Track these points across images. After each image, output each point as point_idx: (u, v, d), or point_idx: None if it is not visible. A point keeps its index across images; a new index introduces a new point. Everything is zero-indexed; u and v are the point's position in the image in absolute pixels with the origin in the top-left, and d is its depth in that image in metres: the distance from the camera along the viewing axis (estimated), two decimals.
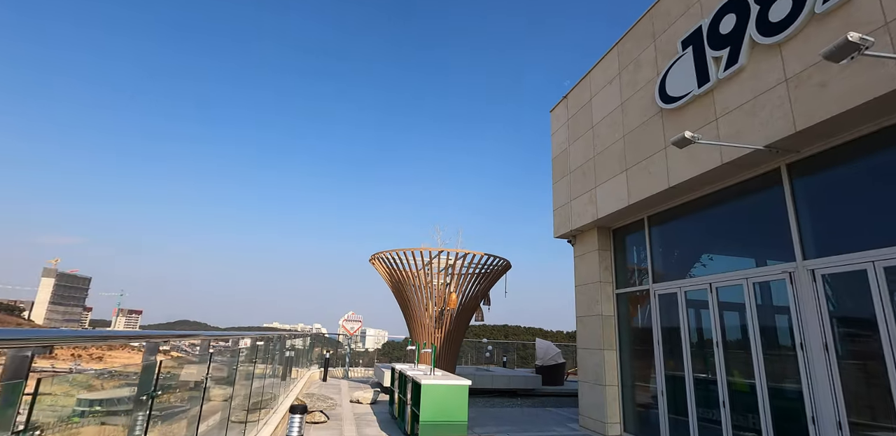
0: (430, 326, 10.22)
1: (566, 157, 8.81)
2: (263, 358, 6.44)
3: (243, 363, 5.21)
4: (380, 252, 10.61)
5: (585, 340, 7.85)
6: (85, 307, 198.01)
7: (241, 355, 5.11)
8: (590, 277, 7.94)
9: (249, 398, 5.18)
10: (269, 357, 6.87)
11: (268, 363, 6.89)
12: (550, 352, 13.56)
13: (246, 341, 6.25)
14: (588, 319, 7.85)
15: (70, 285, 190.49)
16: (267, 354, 6.42)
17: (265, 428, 5.66)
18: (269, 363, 7.09)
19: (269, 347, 6.65)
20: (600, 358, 7.37)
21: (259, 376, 6.06)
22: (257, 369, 6.05)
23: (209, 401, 3.90)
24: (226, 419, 4.35)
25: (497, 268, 10.81)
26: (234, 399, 4.61)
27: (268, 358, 6.87)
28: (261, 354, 6.30)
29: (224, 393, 4.35)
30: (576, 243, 8.55)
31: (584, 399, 7.67)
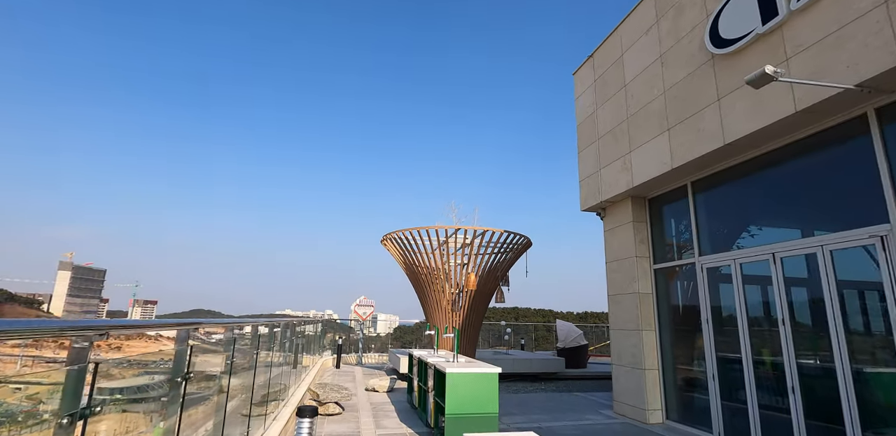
0: (448, 309, 9.62)
1: (593, 122, 8.00)
2: (272, 346, 5.92)
3: (248, 352, 4.71)
4: (392, 232, 9.96)
5: (620, 320, 7.19)
6: (101, 299, 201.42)
7: (239, 344, 4.65)
8: (623, 252, 7.23)
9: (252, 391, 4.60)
10: (277, 345, 6.31)
11: (276, 351, 6.34)
12: (572, 334, 12.97)
13: (263, 328, 5.71)
14: (622, 297, 7.17)
15: (86, 278, 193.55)
16: (273, 341, 5.85)
17: (274, 424, 5.10)
18: (279, 351, 6.57)
19: (277, 333, 6.07)
20: (637, 339, 6.72)
21: (268, 365, 5.54)
22: (266, 358, 5.56)
23: (219, 393, 3.67)
24: (230, 414, 3.93)
25: (517, 246, 10.13)
26: (237, 392, 4.17)
27: (276, 346, 6.32)
28: (269, 341, 5.75)
29: (225, 385, 3.95)
30: (606, 216, 7.82)
31: (619, 384, 7.05)
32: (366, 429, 5.79)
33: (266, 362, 5.61)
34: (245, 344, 4.43)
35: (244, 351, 4.20)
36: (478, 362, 5.71)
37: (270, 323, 6.35)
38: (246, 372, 4.61)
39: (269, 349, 5.77)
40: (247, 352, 4.39)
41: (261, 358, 5.27)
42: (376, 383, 8.67)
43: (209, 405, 3.70)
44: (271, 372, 5.83)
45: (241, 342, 4.32)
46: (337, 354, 12.60)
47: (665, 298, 6.79)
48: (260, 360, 5.16)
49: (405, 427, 5.92)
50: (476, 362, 5.86)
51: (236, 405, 4.31)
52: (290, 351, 7.62)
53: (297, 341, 8.39)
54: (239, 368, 4.07)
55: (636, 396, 6.62)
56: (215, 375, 3.77)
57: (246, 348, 4.35)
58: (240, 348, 4.19)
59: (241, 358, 4.09)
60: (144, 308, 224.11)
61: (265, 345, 5.60)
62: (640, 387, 6.57)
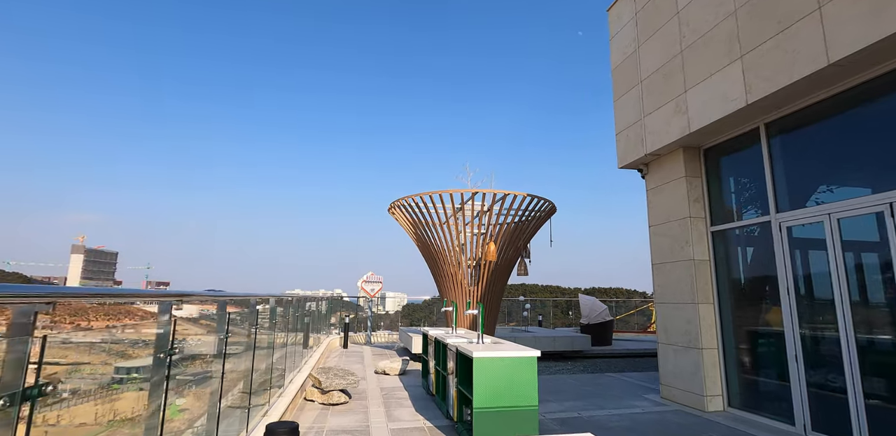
0: (464, 283, 8.67)
1: (634, 63, 6.79)
2: (270, 325, 5.03)
3: (241, 332, 3.89)
4: (400, 199, 8.92)
5: (668, 292, 6.18)
6: (115, 281, 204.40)
7: (230, 322, 3.81)
8: (673, 212, 6.15)
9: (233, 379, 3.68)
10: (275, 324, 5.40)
11: (274, 331, 5.44)
12: (597, 309, 12.05)
13: (264, 306, 4.82)
14: (671, 266, 6.13)
15: (98, 261, 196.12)
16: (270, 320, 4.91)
17: (263, 422, 4.20)
18: (277, 331, 5.69)
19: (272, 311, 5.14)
20: (692, 314, 5.72)
21: (265, 346, 4.66)
22: (262, 339, 4.68)
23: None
24: (210, 409, 3.22)
25: (540, 212, 9.07)
26: (225, 379, 3.40)
27: (272, 325, 5.41)
28: (268, 319, 4.85)
29: (218, 370, 3.31)
30: (649, 173, 6.71)
31: (667, 365, 6.09)
32: (376, 422, 4.89)
33: (262, 343, 4.71)
34: (237, 322, 3.86)
35: (234, 332, 3.65)
36: (507, 343, 4.75)
37: (267, 298, 5.47)
38: (235, 356, 3.79)
39: (266, 329, 4.88)
40: (237, 332, 3.76)
41: (254, 339, 4.43)
42: (387, 366, 7.81)
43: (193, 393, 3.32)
44: (273, 354, 4.93)
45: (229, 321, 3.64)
46: (344, 333, 11.79)
47: (725, 265, 5.74)
48: (253, 341, 4.30)
49: (422, 420, 5.02)
50: (504, 342, 4.90)
51: (218, 398, 3.50)
52: (290, 331, 6.73)
53: (299, 319, 7.50)
54: (229, 350, 3.47)
55: (690, 379, 5.66)
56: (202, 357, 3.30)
57: (236, 329, 3.76)
58: (230, 328, 3.61)
59: (233, 339, 3.52)
60: (157, 289, 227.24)
61: (260, 324, 4.72)
62: (695, 369, 5.60)
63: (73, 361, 22.56)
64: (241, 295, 4.52)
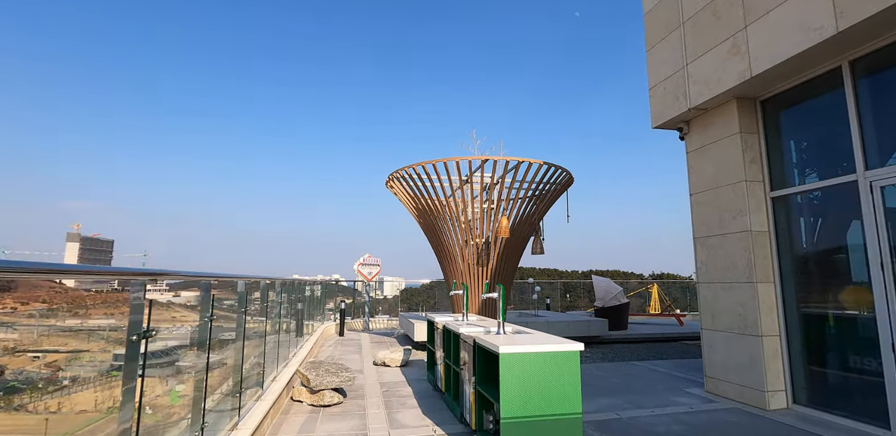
0: (472, 263, 7.77)
1: (674, 1, 5.75)
2: (251, 310, 4.16)
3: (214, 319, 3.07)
4: (399, 169, 7.93)
5: (715, 270, 5.28)
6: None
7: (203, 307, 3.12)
8: (723, 176, 5.21)
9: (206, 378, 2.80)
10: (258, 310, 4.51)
11: (258, 319, 4.57)
12: (612, 290, 11.22)
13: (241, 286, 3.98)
14: (719, 239, 5.22)
15: (94, 249, 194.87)
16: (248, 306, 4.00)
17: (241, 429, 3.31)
18: (263, 319, 4.84)
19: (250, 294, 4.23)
20: (748, 295, 4.83)
21: (243, 337, 3.82)
22: (241, 328, 3.88)
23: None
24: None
25: (556, 185, 8.12)
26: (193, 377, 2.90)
27: (254, 310, 4.53)
28: (245, 305, 3.96)
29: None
30: (691, 132, 5.73)
31: (714, 355, 5.23)
32: (375, 429, 4.02)
33: (241, 333, 3.85)
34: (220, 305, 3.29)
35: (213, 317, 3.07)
36: (535, 333, 3.85)
37: (257, 281, 4.63)
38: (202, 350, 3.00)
39: (249, 315, 3.99)
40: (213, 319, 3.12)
41: (230, 329, 3.65)
42: (387, 357, 6.95)
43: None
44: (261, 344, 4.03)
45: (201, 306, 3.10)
46: (340, 319, 10.94)
47: (788, 236, 4.83)
48: (227, 331, 3.49)
49: (431, 425, 4.15)
50: (530, 331, 4.00)
51: (183, 403, 2.79)
52: (279, 318, 5.85)
53: (290, 305, 6.60)
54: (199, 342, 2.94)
55: (746, 372, 4.81)
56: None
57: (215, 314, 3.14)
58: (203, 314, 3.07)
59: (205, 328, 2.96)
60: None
61: (239, 310, 3.86)
62: (752, 360, 4.74)
63: (71, 348, 21.34)
64: (224, 275, 3.61)
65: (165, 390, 4.58)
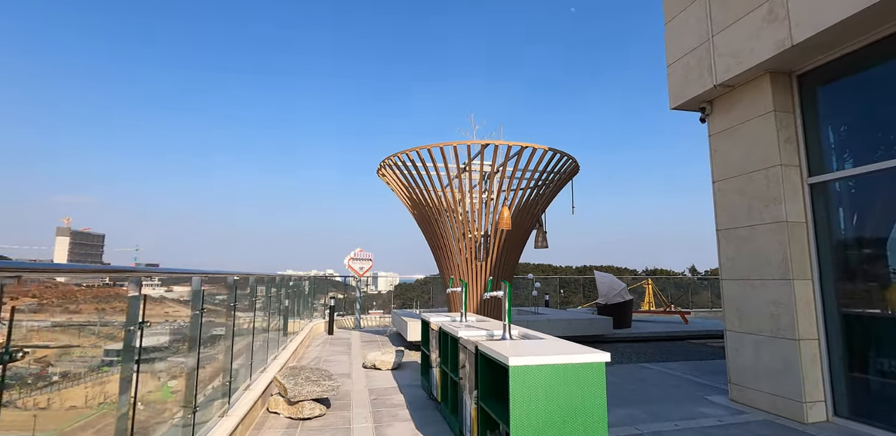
0: (470, 257, 7.21)
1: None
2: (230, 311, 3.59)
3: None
4: (392, 156, 7.33)
5: (742, 266, 4.75)
6: (103, 263, 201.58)
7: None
8: (753, 160, 4.66)
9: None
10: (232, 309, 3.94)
11: (232, 319, 4.00)
12: (615, 287, 10.71)
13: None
14: (748, 231, 4.68)
15: (85, 243, 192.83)
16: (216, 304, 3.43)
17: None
18: (237, 318, 4.27)
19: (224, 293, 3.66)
20: (781, 294, 4.30)
21: (210, 340, 3.29)
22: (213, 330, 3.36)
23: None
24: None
25: (562, 174, 7.55)
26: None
27: (240, 310, 3.97)
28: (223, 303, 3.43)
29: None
30: (714, 112, 5.18)
31: (742, 361, 4.71)
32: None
33: (212, 335, 3.30)
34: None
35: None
36: (550, 339, 3.30)
37: (224, 276, 4.09)
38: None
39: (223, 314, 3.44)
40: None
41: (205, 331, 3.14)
42: (378, 359, 6.39)
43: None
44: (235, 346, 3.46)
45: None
46: (329, 317, 10.37)
47: (827, 228, 4.30)
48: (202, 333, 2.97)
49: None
50: (542, 336, 3.45)
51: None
52: (262, 316, 5.28)
53: (273, 303, 6.02)
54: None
55: (780, 379, 4.29)
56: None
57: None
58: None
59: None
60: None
61: (194, 312, 3.31)
62: (787, 366, 4.22)
63: (61, 343, 20.21)
64: (174, 271, 3.05)
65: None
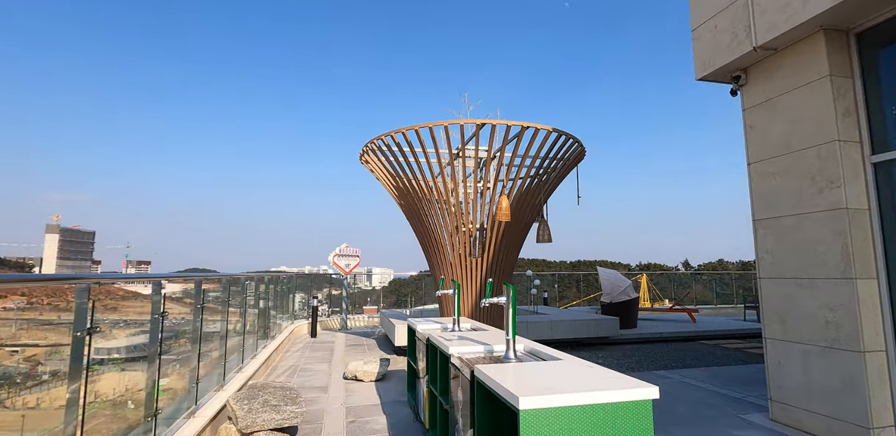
0: (464, 253, 6.43)
1: None
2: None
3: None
4: (376, 138, 6.51)
5: (786, 261, 4.01)
6: (93, 261, 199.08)
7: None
8: (802, 136, 3.90)
9: None
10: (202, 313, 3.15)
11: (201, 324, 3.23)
12: (620, 284, 9.99)
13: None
14: (796, 220, 3.93)
15: (75, 240, 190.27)
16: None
17: None
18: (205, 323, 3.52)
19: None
20: (842, 296, 3.56)
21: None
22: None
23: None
24: None
25: (565, 160, 6.78)
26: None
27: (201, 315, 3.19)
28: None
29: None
30: (750, 82, 4.41)
31: (785, 375, 3.98)
32: None
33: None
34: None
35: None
36: (571, 360, 2.53)
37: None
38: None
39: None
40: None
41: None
42: (359, 369, 5.61)
43: None
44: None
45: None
46: (312, 319, 9.58)
47: (894, 216, 3.55)
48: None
49: None
50: (561, 356, 2.68)
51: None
52: (232, 319, 4.50)
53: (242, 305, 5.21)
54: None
55: (838, 399, 3.56)
56: None
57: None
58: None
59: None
60: (138, 269, 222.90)
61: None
62: (849, 383, 3.49)
63: (52, 342, 19.58)
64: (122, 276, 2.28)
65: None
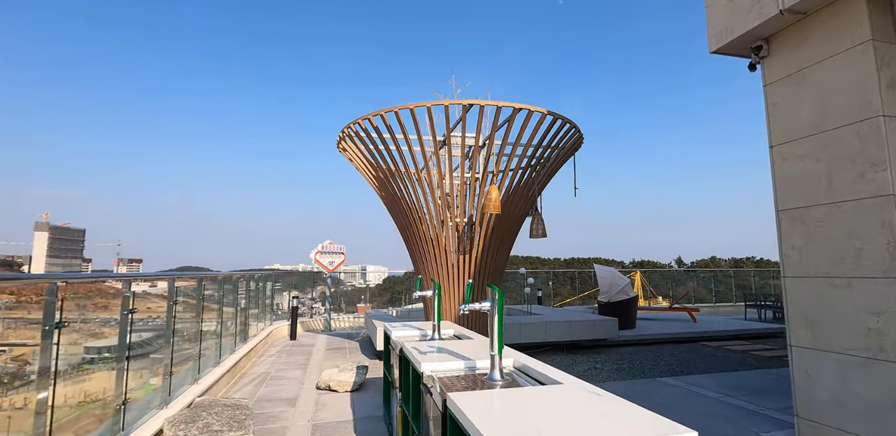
0: (450, 249, 5.88)
1: None
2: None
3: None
4: (353, 123, 5.91)
5: (820, 257, 3.48)
6: (84, 259, 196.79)
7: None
8: (838, 112, 3.37)
9: None
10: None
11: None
12: (619, 282, 9.48)
13: None
14: (829, 211, 3.41)
15: (65, 238, 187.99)
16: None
17: None
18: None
19: None
20: (888, 298, 3.04)
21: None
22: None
23: None
24: None
25: (562, 150, 6.22)
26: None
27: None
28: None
29: None
30: (775, 53, 3.87)
31: (816, 388, 3.46)
32: None
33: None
34: None
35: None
36: (573, 383, 1.97)
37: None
38: None
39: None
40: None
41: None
42: (333, 378, 5.05)
43: None
44: None
45: None
46: (291, 320, 9.00)
47: None
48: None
49: None
50: (563, 378, 2.12)
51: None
52: (195, 321, 3.93)
53: (185, 309, 4.63)
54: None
55: (887, 419, 3.04)
56: None
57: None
58: None
59: None
60: (130, 266, 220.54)
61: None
62: (894, 401, 2.97)
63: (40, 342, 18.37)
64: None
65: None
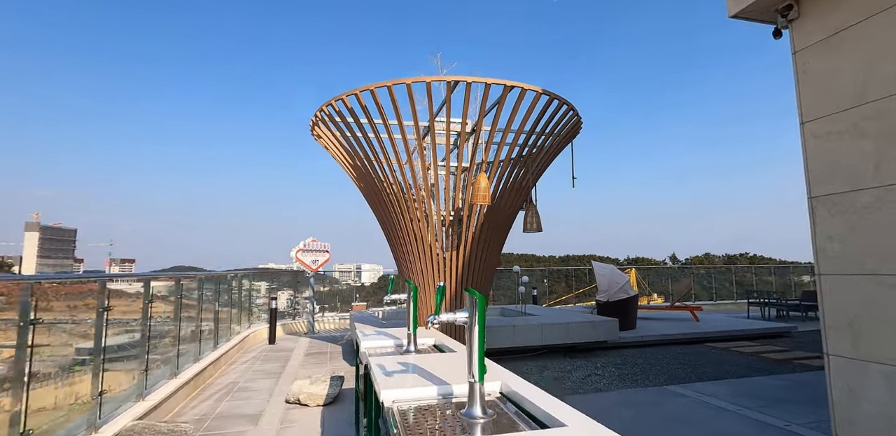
0: (435, 246, 5.33)
1: None
2: None
3: None
4: (326, 105, 5.35)
5: (861, 250, 2.97)
6: (75, 259, 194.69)
7: None
8: (882, 82, 2.85)
9: None
10: None
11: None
12: (618, 280, 8.98)
13: None
14: (877, 195, 2.89)
15: (56, 238, 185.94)
16: None
17: None
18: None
19: None
20: None
21: None
22: None
23: None
24: None
25: (559, 137, 5.68)
26: None
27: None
28: None
29: None
30: (806, 15, 3.34)
31: (861, 403, 2.95)
32: None
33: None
34: None
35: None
36: (582, 423, 1.45)
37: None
38: None
39: None
40: None
41: None
42: (303, 391, 4.49)
43: None
44: None
45: None
46: (271, 322, 8.43)
47: None
48: None
49: None
50: (563, 418, 1.60)
51: None
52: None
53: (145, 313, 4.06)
54: None
55: None
56: None
57: None
58: None
59: None
60: (122, 267, 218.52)
61: None
62: None
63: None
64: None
65: None
